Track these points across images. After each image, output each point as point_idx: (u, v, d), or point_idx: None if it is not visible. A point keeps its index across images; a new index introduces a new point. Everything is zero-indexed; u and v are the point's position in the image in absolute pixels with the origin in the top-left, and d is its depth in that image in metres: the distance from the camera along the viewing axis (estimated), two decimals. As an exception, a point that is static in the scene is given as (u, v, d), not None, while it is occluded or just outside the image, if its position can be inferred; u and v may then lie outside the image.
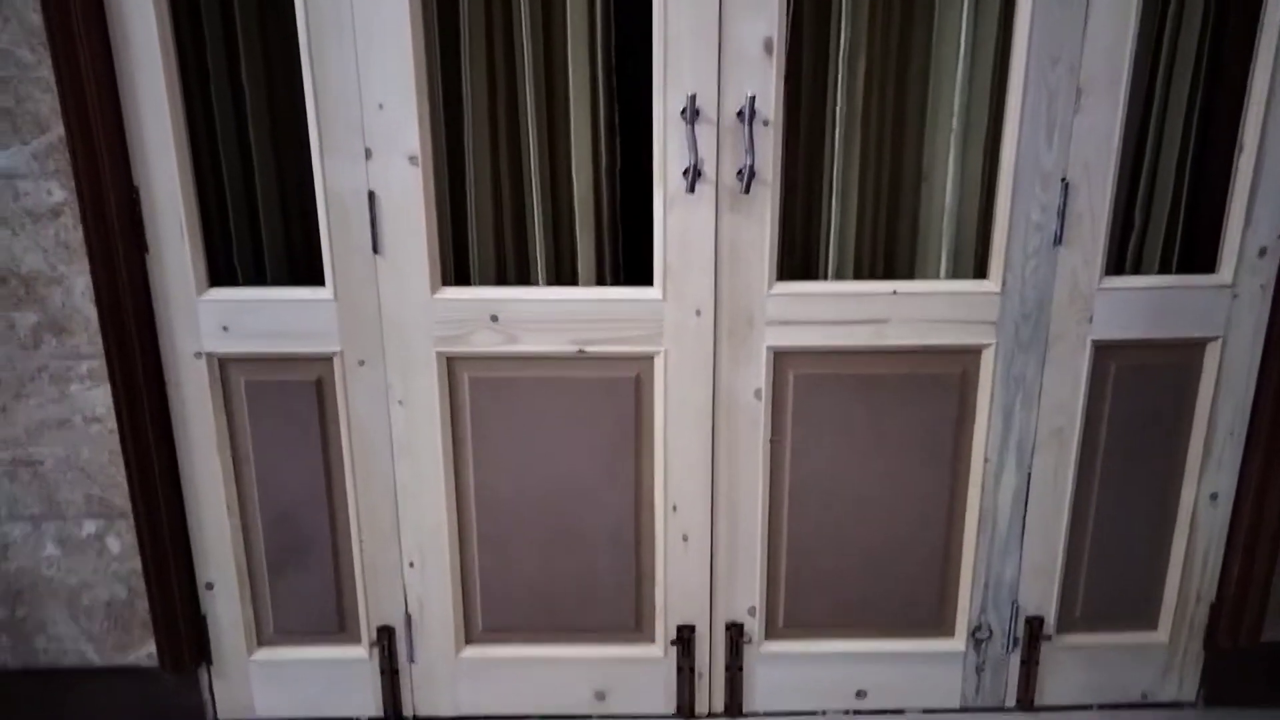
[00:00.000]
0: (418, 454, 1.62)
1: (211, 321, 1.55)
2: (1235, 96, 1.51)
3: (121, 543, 1.64)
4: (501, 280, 1.68)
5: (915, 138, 1.63)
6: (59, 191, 1.46)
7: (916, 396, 1.61)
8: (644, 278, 1.56)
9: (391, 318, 1.55)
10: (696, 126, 1.46)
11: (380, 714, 1.77)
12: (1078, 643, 1.76)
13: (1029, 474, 1.64)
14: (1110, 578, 1.72)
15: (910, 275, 1.69)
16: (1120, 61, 1.44)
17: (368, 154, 1.47)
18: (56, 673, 1.72)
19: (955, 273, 1.64)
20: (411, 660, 1.74)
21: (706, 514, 1.66)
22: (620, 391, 1.60)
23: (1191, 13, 1.55)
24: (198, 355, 1.56)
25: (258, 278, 1.71)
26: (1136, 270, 1.66)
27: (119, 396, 1.55)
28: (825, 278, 1.67)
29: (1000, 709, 1.79)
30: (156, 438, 1.58)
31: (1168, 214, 1.63)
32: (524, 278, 1.68)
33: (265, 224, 1.68)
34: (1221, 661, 1.77)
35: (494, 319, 1.55)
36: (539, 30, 1.55)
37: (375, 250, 1.52)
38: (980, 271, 1.61)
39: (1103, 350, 1.58)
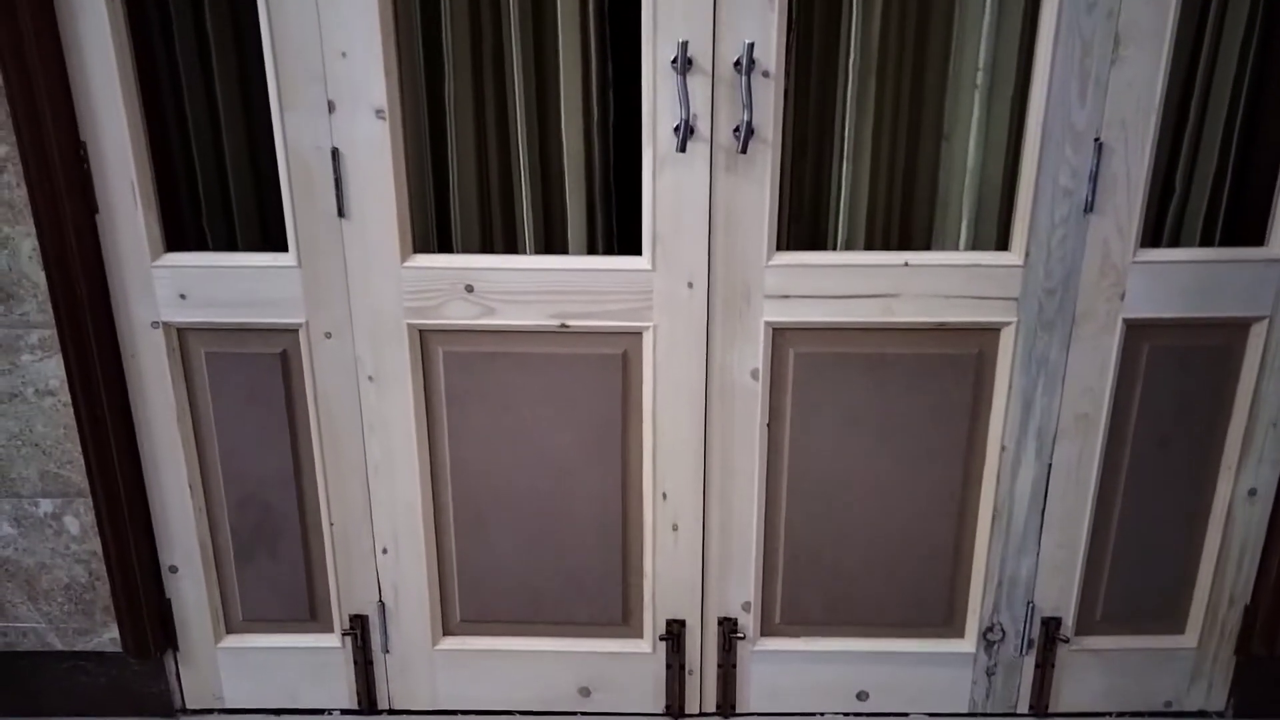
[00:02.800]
0: (390, 432, 1.51)
1: (168, 289, 1.44)
2: (1293, 50, 1.36)
3: (80, 523, 1.56)
4: (487, 248, 1.56)
5: (936, 92, 1.48)
6: (0, 145, 1.36)
7: (928, 379, 1.48)
8: (639, 246, 1.44)
9: (359, 287, 1.44)
10: (689, 78, 1.32)
11: (354, 705, 1.69)
12: (1098, 646, 1.63)
13: (1049, 464, 1.51)
14: (1135, 577, 1.59)
15: (927, 245, 1.55)
16: (1165, 6, 1.28)
17: (331, 107, 1.35)
18: (17, 657, 1.65)
19: (976, 243, 1.50)
20: (386, 650, 1.65)
21: (698, 502, 1.54)
22: (606, 369, 1.48)
23: (1245, -45, 1.39)
24: (154, 325, 1.46)
25: (229, 243, 1.60)
26: (1175, 242, 1.51)
27: (71, 368, 1.45)
28: (834, 246, 1.54)
29: (1012, 715, 1.67)
30: (113, 412, 1.48)
31: (1212, 180, 1.48)
32: (511, 245, 1.56)
33: (234, 185, 1.57)
34: (1254, 669, 1.64)
35: (469, 289, 1.44)
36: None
37: (340, 213, 1.40)
38: (1002, 243, 1.47)
39: (1135, 330, 1.44)
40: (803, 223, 1.56)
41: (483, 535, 1.58)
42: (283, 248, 1.44)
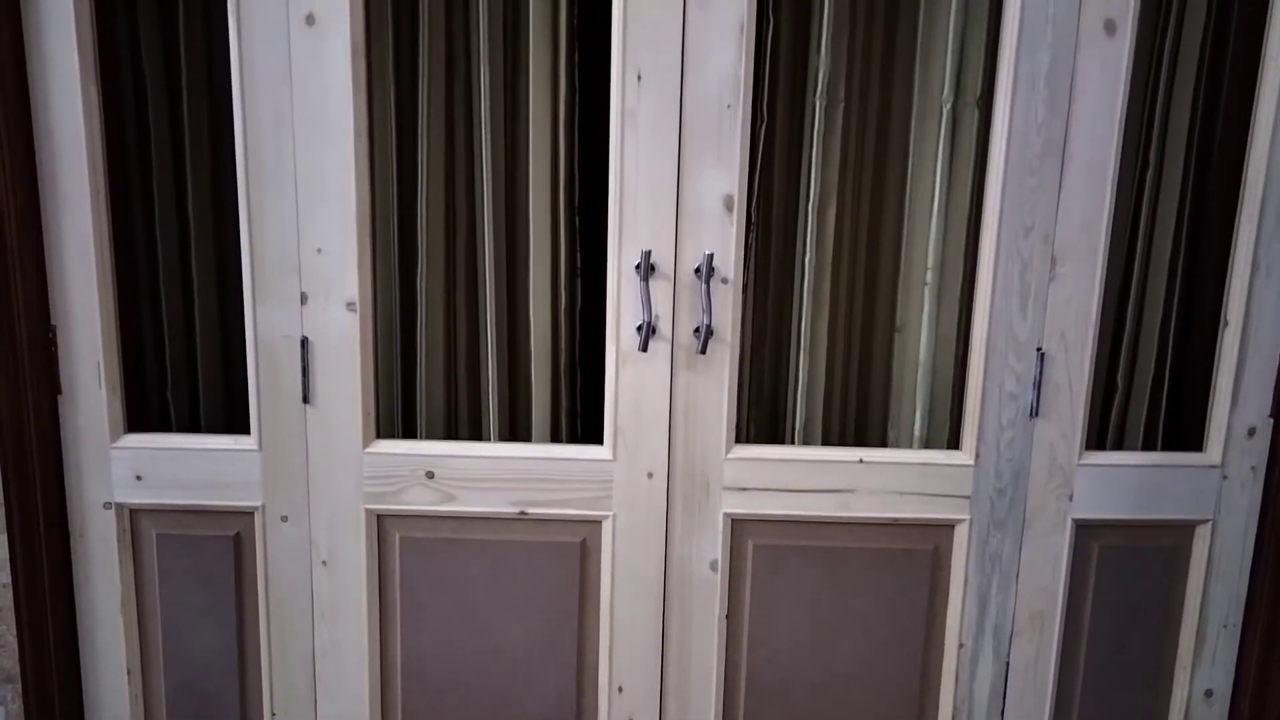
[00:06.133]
0: (340, 620, 1.48)
1: (125, 470, 1.43)
2: (1219, 269, 1.45)
3: (6, 711, 1.48)
4: (452, 434, 1.57)
5: (889, 288, 1.56)
6: (-31, 328, 1.37)
7: (885, 573, 1.49)
8: (602, 433, 1.46)
9: (319, 471, 1.44)
10: (651, 282, 1.38)
11: None
12: None
13: (1007, 662, 1.51)
14: (1099, 779, 1.57)
15: (884, 434, 1.59)
16: (1097, 231, 1.38)
17: (303, 299, 1.39)
18: None
19: (931, 434, 1.55)
20: None
21: (655, 697, 1.51)
22: (564, 558, 1.48)
23: (1170, 180, 1.50)
24: (107, 505, 1.44)
25: (191, 419, 1.60)
26: (1119, 445, 1.57)
27: (15, 549, 1.41)
28: (793, 433, 1.57)
29: None
30: (54, 595, 1.44)
31: (1150, 387, 1.55)
32: (475, 430, 1.57)
33: (203, 365, 1.58)
34: None
35: (430, 475, 1.44)
36: (500, 171, 1.49)
37: (305, 400, 1.42)
38: (955, 437, 1.52)
39: (1084, 530, 1.47)
40: (764, 407, 1.60)
41: (432, 727, 1.53)
42: (245, 429, 1.45)
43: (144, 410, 1.54)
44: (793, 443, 1.57)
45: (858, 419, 1.61)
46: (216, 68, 1.45)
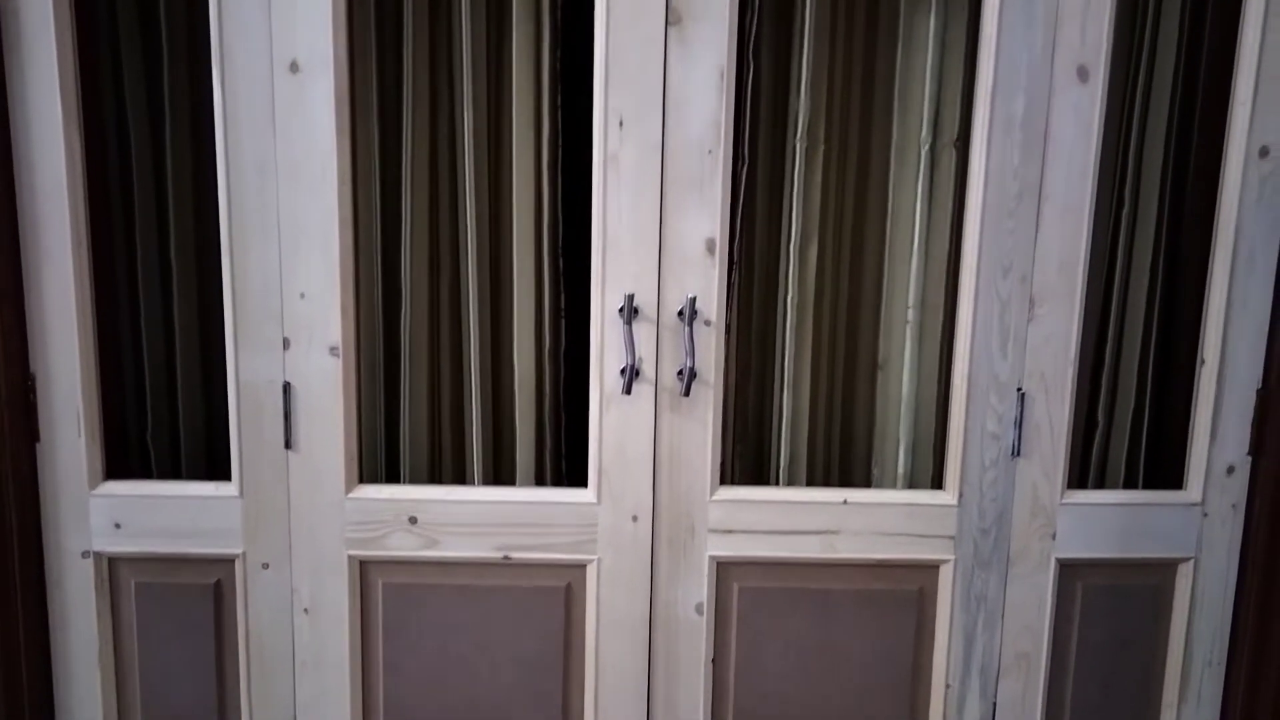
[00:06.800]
0: (323, 669, 1.46)
1: (103, 518, 1.41)
2: (1196, 307, 1.47)
3: (-22, 764, 1.45)
4: (436, 477, 1.56)
5: (870, 326, 1.57)
6: (-54, 376, 1.36)
7: (871, 615, 1.48)
8: (587, 475, 1.46)
9: (301, 517, 1.43)
10: (635, 325, 1.39)
11: None
12: None
13: (994, 703, 1.50)
14: (1089, 819, 1.56)
15: (868, 466, 1.60)
16: (1074, 272, 1.40)
17: (286, 344, 1.38)
18: None
19: (915, 471, 1.55)
20: None
21: (641, 742, 1.50)
22: (548, 602, 1.47)
23: (1146, 219, 1.52)
24: (85, 554, 1.42)
25: (173, 465, 1.59)
26: (1101, 483, 1.57)
27: (-10, 600, 1.40)
28: (777, 472, 1.57)
29: None
30: (29, 646, 1.42)
31: (1130, 424, 1.56)
32: (459, 474, 1.56)
33: (184, 410, 1.57)
34: None
35: (413, 520, 1.43)
36: (484, 213, 1.50)
37: (288, 445, 1.41)
38: (938, 473, 1.52)
39: (1068, 569, 1.48)
40: (747, 444, 1.60)
41: (415, 776, 1.51)
42: (226, 475, 1.44)
43: (124, 455, 1.53)
44: (777, 480, 1.58)
45: (842, 456, 1.61)
46: (200, 112, 1.45)
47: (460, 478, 1.56)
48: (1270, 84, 1.36)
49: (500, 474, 1.57)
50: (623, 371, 1.39)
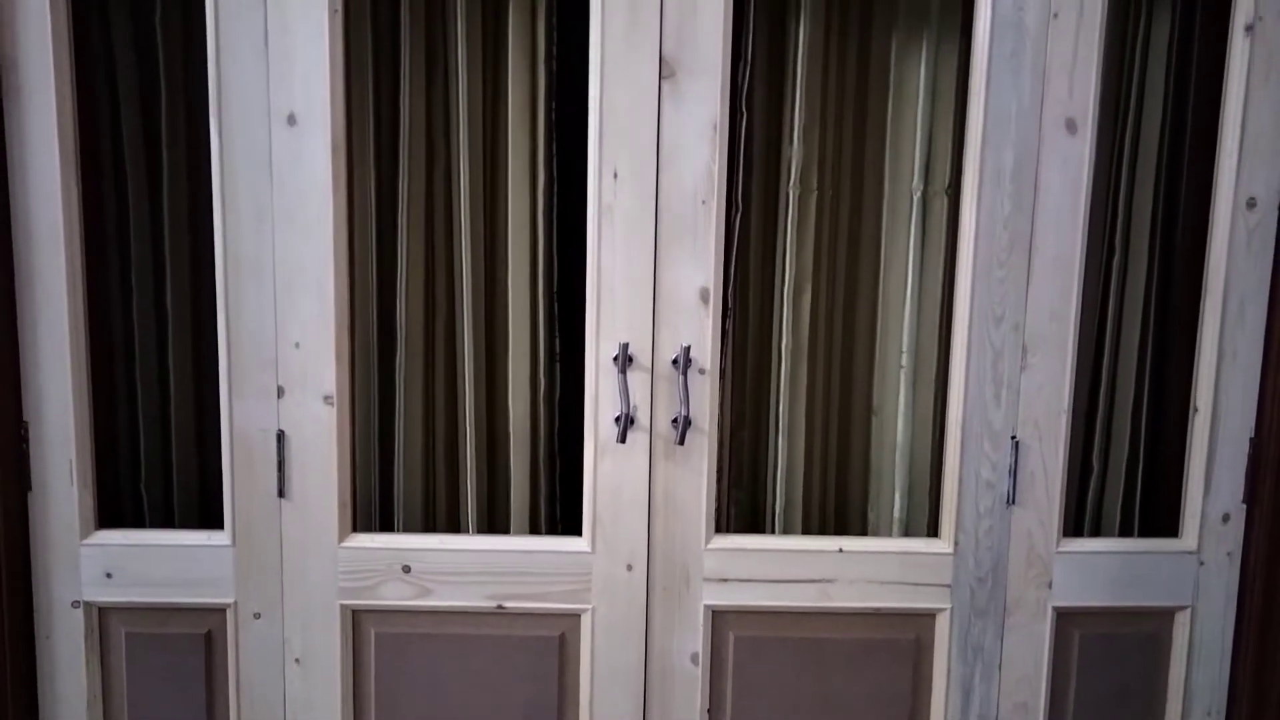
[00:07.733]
0: (314, 719, 1.44)
1: (95, 567, 1.40)
2: (1187, 355, 1.47)
3: (-38, 819, 1.43)
4: (430, 526, 1.56)
5: (865, 373, 1.58)
6: (-61, 425, 1.36)
7: (868, 665, 1.47)
8: (581, 523, 1.45)
9: (294, 567, 1.42)
10: (629, 374, 1.39)
11: None
12: None
13: (993, 754, 1.49)
14: None
15: (863, 512, 1.59)
16: (1066, 322, 1.40)
17: (280, 392, 1.38)
18: None
19: (911, 518, 1.55)
20: None
21: (636, 795, 1.48)
22: (542, 652, 1.45)
23: (1136, 267, 1.53)
24: (75, 604, 1.41)
25: (165, 513, 1.58)
26: (1096, 530, 1.57)
27: (-22, 651, 1.38)
28: (773, 516, 1.57)
29: None
30: (17, 698, 1.40)
31: (1125, 471, 1.56)
32: (453, 522, 1.56)
33: (177, 458, 1.56)
34: None
35: (406, 570, 1.43)
36: (480, 260, 1.51)
37: (281, 494, 1.40)
38: (934, 519, 1.52)
39: (1065, 618, 1.47)
40: (743, 489, 1.60)
41: (406, 830, 1.48)
42: (219, 523, 1.43)
43: (116, 503, 1.52)
44: (773, 527, 1.57)
45: (838, 502, 1.61)
46: (197, 160, 1.46)
47: (455, 524, 1.55)
48: (1256, 136, 1.38)
49: (495, 521, 1.56)
50: (617, 420, 1.39)
